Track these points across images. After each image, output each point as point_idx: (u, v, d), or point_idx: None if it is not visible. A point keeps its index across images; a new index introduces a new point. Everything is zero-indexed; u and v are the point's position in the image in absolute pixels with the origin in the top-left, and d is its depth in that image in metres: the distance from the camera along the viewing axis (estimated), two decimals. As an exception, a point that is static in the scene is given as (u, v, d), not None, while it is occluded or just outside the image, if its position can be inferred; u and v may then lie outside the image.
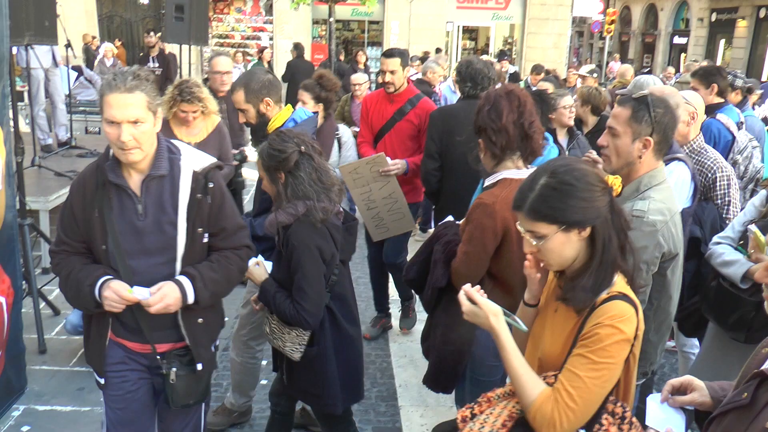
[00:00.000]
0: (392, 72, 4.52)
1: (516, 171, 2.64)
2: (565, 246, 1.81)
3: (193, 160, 2.40)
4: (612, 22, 25.80)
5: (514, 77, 10.94)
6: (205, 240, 2.44)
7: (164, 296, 2.30)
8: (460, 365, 2.85)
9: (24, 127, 7.87)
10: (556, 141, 4.15)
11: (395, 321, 5.22)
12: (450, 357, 2.84)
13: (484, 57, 8.24)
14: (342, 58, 13.98)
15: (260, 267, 2.83)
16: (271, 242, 2.79)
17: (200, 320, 2.49)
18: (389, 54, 4.57)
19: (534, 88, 8.24)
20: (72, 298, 2.45)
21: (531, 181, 1.84)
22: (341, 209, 2.78)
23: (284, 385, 2.96)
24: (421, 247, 2.98)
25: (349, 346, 2.87)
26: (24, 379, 4.00)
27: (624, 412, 1.84)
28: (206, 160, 2.42)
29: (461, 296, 1.96)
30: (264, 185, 2.81)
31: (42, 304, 4.70)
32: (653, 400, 1.87)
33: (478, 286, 1.98)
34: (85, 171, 2.40)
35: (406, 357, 4.70)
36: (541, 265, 1.98)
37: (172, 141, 2.46)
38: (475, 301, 1.92)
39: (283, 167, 2.61)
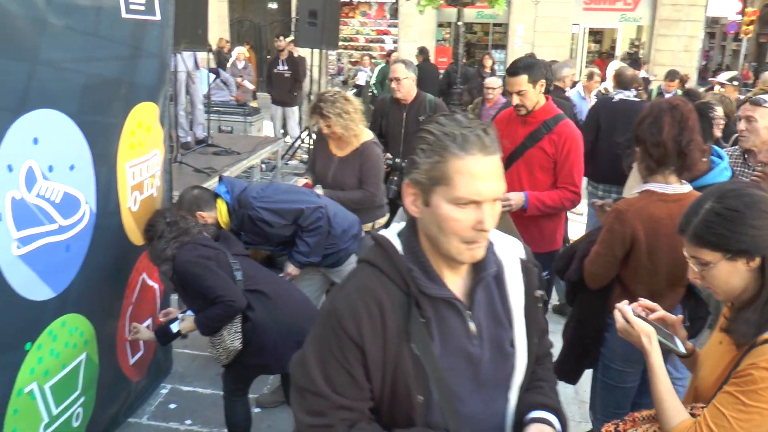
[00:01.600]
0: (519, 93, 3.61)
1: (662, 185, 2.64)
2: (731, 276, 1.73)
3: (505, 243, 1.67)
4: (751, 22, 24.29)
5: (645, 83, 10.53)
6: None
7: None
8: (585, 360, 2.97)
9: (166, 125, 8.42)
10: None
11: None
12: (576, 349, 2.97)
13: (615, 62, 8.00)
14: (465, 61, 13.99)
15: (187, 319, 3.20)
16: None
17: None
18: (513, 71, 3.64)
19: (668, 95, 7.94)
20: None
21: (696, 204, 1.80)
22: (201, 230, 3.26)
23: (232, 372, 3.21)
24: (573, 242, 3.11)
25: (278, 312, 3.06)
26: (170, 360, 4.33)
27: None
28: (510, 238, 1.70)
29: (616, 312, 1.96)
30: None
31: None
32: None
33: (635, 303, 1.98)
34: (362, 285, 1.50)
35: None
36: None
37: None
38: (628, 319, 1.91)
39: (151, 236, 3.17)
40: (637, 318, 1.91)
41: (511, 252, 1.64)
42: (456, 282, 1.54)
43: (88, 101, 2.87)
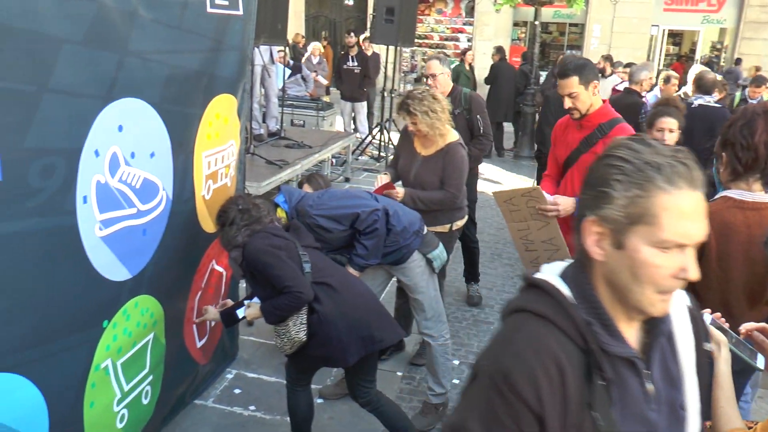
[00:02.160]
0: (571, 96, 3.47)
1: (740, 192, 2.55)
2: None
3: None
4: None
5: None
6: None
7: None
8: None
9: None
10: None
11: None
12: None
13: (696, 66, 7.74)
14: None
15: (253, 306, 3.27)
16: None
17: None
18: (563, 73, 3.50)
19: (752, 101, 7.63)
20: None
21: None
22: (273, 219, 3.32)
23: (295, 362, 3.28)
24: None
25: (344, 306, 3.10)
26: (236, 346, 4.43)
27: None
28: None
29: None
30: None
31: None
32: None
33: (717, 314, 1.94)
34: (534, 341, 1.26)
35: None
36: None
37: None
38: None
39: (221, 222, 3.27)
40: (709, 325, 1.87)
41: (678, 299, 1.42)
42: (631, 335, 1.32)
43: (170, 91, 2.97)
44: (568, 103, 3.49)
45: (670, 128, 3.86)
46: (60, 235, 2.42)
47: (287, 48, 8.44)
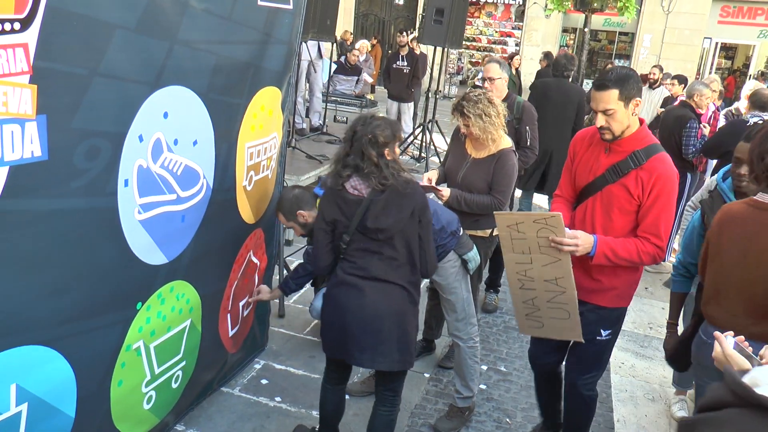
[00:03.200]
0: (606, 113, 2.87)
1: (761, 194, 2.58)
2: None
3: None
4: None
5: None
6: None
7: None
8: (689, 351, 3.00)
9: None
10: None
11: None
12: (684, 342, 3.02)
13: (751, 82, 7.55)
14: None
15: None
16: None
17: None
18: (601, 85, 2.87)
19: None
20: None
21: None
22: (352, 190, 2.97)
23: None
24: None
25: (333, 301, 3.10)
26: (266, 337, 4.46)
27: None
28: None
29: (715, 343, 1.89)
30: None
31: (285, 273, 5.19)
32: None
33: (741, 337, 1.89)
34: None
35: (626, 392, 4.46)
36: None
37: None
38: (724, 349, 1.83)
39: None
40: (734, 351, 1.82)
41: None
42: None
43: (217, 81, 3.00)
44: (600, 120, 2.89)
45: None
46: (100, 216, 2.47)
47: (335, 44, 8.47)
